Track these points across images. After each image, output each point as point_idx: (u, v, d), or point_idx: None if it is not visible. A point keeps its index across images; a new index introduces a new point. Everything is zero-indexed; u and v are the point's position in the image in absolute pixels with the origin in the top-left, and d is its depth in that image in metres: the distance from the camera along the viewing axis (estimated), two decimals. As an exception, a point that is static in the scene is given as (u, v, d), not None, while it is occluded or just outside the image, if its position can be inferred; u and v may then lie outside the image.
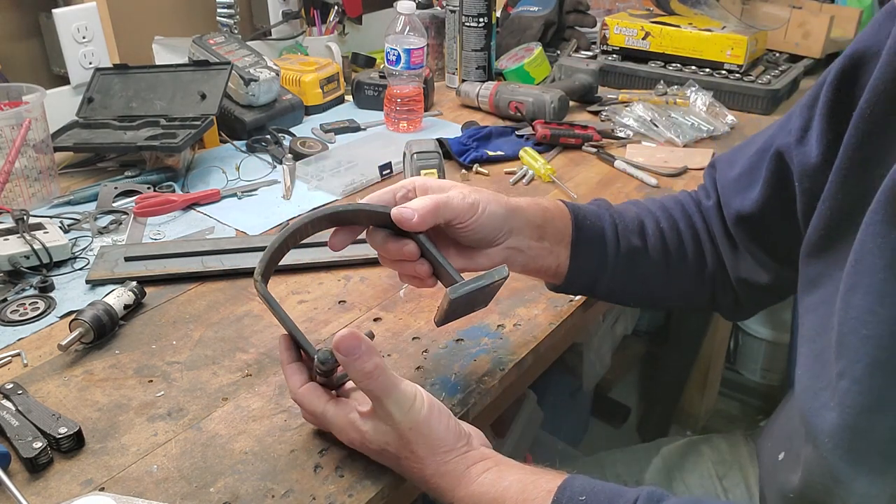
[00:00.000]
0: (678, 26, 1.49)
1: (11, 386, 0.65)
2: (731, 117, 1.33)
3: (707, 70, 1.47)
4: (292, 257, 0.84)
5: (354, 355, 0.54)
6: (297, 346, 0.61)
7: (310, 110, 1.37)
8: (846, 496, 0.52)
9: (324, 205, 1.03)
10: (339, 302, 0.81)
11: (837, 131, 0.57)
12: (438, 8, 1.57)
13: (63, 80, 1.24)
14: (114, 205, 1.01)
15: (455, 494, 0.56)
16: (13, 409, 0.63)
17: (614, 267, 0.72)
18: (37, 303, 0.80)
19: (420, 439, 0.55)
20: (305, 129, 1.30)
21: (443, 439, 0.56)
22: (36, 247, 0.84)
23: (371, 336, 0.58)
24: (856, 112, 0.54)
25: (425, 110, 1.37)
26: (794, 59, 1.59)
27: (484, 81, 1.42)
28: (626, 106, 1.35)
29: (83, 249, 0.90)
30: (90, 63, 1.23)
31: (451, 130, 1.30)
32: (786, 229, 0.65)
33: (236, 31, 1.38)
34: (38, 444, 0.58)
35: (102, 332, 0.73)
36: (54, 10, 1.18)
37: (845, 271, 0.52)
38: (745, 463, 0.89)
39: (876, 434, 0.49)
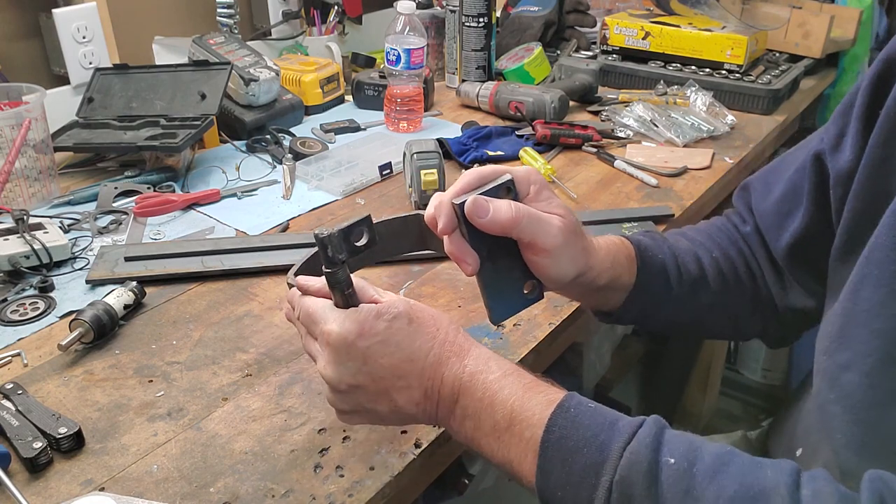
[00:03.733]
0: (678, 26, 1.49)
1: (11, 386, 0.65)
2: (731, 117, 1.33)
3: (707, 70, 1.47)
4: (292, 257, 0.84)
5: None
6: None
7: (310, 110, 1.37)
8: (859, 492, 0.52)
9: (325, 204, 1.03)
10: (339, 302, 0.81)
11: (868, 135, 0.56)
12: (438, 8, 1.57)
13: (63, 80, 1.24)
14: (114, 205, 1.01)
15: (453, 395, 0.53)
16: (13, 409, 0.63)
17: (676, 298, 0.71)
18: (37, 303, 0.80)
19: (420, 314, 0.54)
20: (305, 129, 1.30)
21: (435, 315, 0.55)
22: (36, 247, 0.84)
23: None
24: (881, 113, 0.54)
25: (425, 110, 1.37)
26: (794, 59, 1.59)
27: (484, 81, 1.42)
28: (626, 106, 1.35)
29: (83, 249, 0.90)
30: (90, 63, 1.23)
31: (451, 130, 1.30)
32: (831, 244, 0.63)
33: (236, 31, 1.38)
34: (38, 444, 0.58)
35: (102, 332, 0.73)
36: (54, 10, 1.18)
37: (857, 263, 0.51)
38: None
39: (888, 428, 0.49)
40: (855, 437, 0.51)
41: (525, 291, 0.62)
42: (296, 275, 0.60)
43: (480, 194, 0.56)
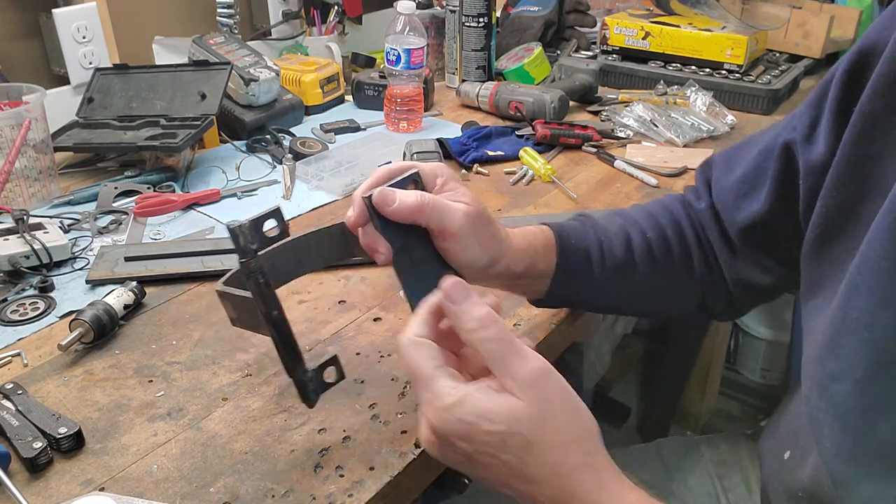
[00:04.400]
0: (678, 26, 1.49)
1: (11, 386, 0.65)
2: (731, 117, 1.33)
3: (707, 70, 1.47)
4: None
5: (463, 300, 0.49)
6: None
7: (310, 110, 1.37)
8: (850, 501, 0.52)
9: (323, 205, 1.03)
10: (339, 302, 0.81)
11: (843, 129, 0.56)
12: (438, 8, 1.57)
13: (63, 80, 1.24)
14: (114, 205, 1.01)
15: None
16: (13, 409, 0.63)
17: (601, 282, 0.72)
18: (37, 303, 0.80)
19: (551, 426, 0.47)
20: (305, 129, 1.30)
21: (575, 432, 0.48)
22: (36, 247, 0.84)
23: None
24: (856, 109, 0.54)
25: (425, 110, 1.37)
26: (794, 59, 1.59)
27: (484, 81, 1.42)
28: (626, 106, 1.35)
29: (83, 249, 0.90)
30: (90, 63, 1.23)
31: (451, 130, 1.30)
32: (792, 231, 0.64)
33: (236, 31, 1.38)
34: (38, 444, 0.58)
35: (102, 332, 0.73)
36: (54, 10, 1.18)
37: (848, 271, 0.51)
38: (745, 463, 0.88)
39: (879, 437, 0.49)
40: (845, 447, 0.51)
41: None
42: (225, 283, 0.61)
43: (388, 187, 0.58)
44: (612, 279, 0.72)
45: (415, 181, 0.60)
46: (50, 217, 0.95)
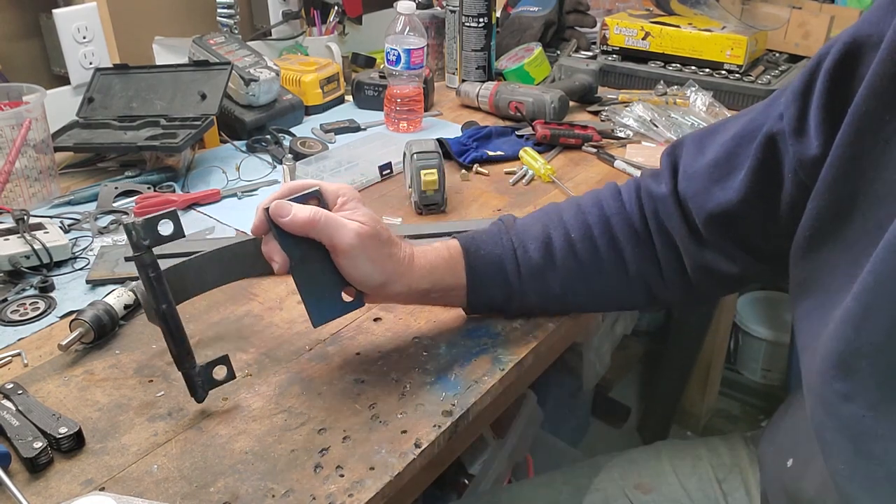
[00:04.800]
0: (678, 26, 1.49)
1: (12, 386, 0.65)
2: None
3: (707, 70, 1.47)
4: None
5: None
6: None
7: (310, 110, 1.37)
8: None
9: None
10: (339, 302, 0.81)
11: (835, 124, 0.54)
12: (438, 8, 1.57)
13: (63, 80, 1.24)
14: (114, 205, 1.01)
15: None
16: (13, 408, 0.63)
17: (519, 289, 0.73)
18: (37, 303, 0.80)
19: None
20: (305, 129, 1.30)
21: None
22: (36, 247, 0.84)
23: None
24: (850, 107, 0.52)
25: (425, 110, 1.37)
26: (794, 59, 1.59)
27: (484, 81, 1.42)
28: (626, 106, 1.35)
29: (83, 249, 0.90)
30: (90, 63, 1.24)
31: (451, 130, 1.30)
32: (765, 222, 0.62)
33: (236, 32, 1.38)
34: (39, 444, 0.58)
35: (103, 331, 0.73)
36: (54, 10, 1.18)
37: (859, 289, 0.49)
38: (744, 466, 0.88)
39: (892, 462, 0.47)
40: (859, 471, 0.49)
41: (345, 298, 0.68)
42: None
43: (288, 200, 0.63)
44: (531, 285, 0.72)
45: (316, 198, 0.66)
46: (50, 217, 0.95)
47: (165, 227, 0.62)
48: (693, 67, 1.49)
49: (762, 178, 0.62)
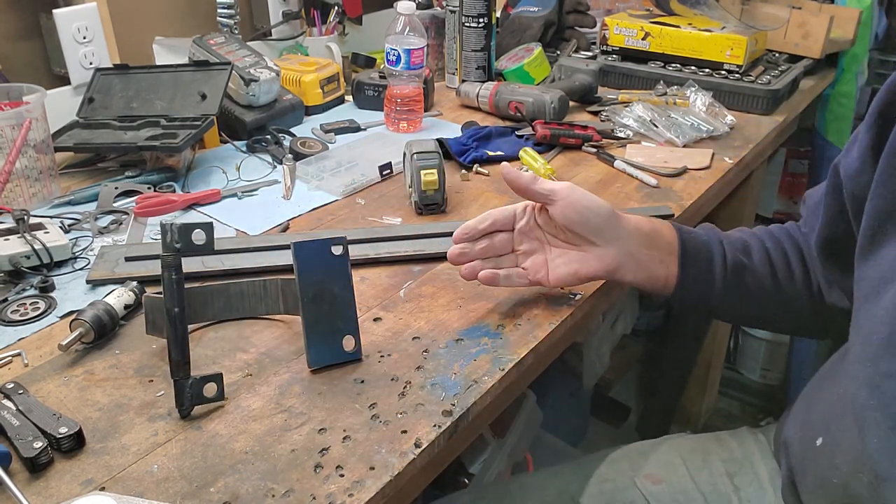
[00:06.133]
0: (678, 27, 1.49)
1: (12, 386, 0.65)
2: (730, 117, 1.33)
3: (707, 70, 1.47)
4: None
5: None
6: None
7: (310, 110, 1.37)
8: (890, 495, 0.53)
9: (323, 205, 1.04)
10: (340, 302, 0.81)
11: (883, 135, 0.59)
12: (438, 8, 1.57)
13: (63, 80, 1.24)
14: (114, 205, 1.01)
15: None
16: (14, 408, 0.63)
17: (723, 279, 0.75)
18: (37, 303, 0.80)
19: None
20: (305, 129, 1.30)
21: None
22: (36, 247, 0.85)
23: None
24: None
25: (425, 110, 1.37)
26: (794, 59, 1.59)
27: (484, 82, 1.42)
28: (626, 106, 1.35)
29: (84, 249, 0.90)
30: (91, 63, 1.24)
31: (451, 130, 1.30)
32: (851, 245, 0.67)
33: (236, 32, 1.38)
34: (39, 444, 0.58)
35: (103, 331, 0.73)
36: (55, 11, 1.18)
37: None
38: (756, 459, 0.88)
39: None
40: (893, 445, 0.52)
41: (344, 347, 0.70)
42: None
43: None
44: (734, 278, 0.76)
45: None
46: (50, 217, 0.95)
47: (198, 237, 0.63)
48: (693, 67, 1.49)
49: (836, 199, 0.69)
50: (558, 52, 1.61)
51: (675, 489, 0.86)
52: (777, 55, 1.60)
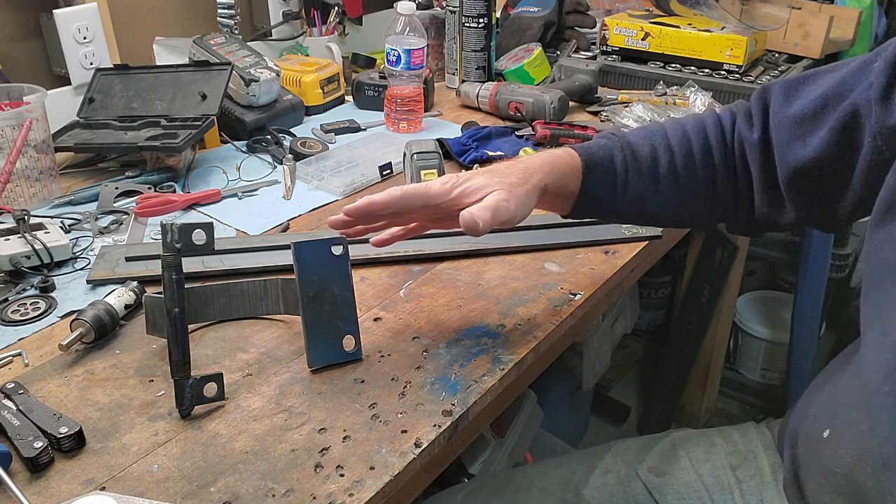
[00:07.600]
0: (677, 27, 1.49)
1: (12, 385, 0.66)
2: (730, 117, 1.33)
3: (706, 70, 1.47)
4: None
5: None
6: None
7: (310, 111, 1.37)
8: (893, 483, 0.53)
9: (324, 205, 1.04)
10: (340, 302, 0.81)
11: None
12: (438, 8, 1.57)
13: (64, 80, 1.24)
14: (115, 205, 1.01)
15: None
16: (14, 408, 0.63)
17: (625, 186, 0.75)
18: (38, 303, 0.80)
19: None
20: (306, 129, 1.30)
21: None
22: (37, 247, 0.85)
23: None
24: None
25: (425, 111, 1.37)
26: (794, 59, 1.59)
27: (484, 82, 1.42)
28: (626, 106, 1.35)
29: (84, 249, 0.91)
30: (91, 63, 1.24)
31: (451, 131, 1.30)
32: (837, 184, 0.64)
33: (237, 32, 1.38)
34: (39, 444, 0.58)
35: (103, 331, 0.73)
36: (55, 11, 1.18)
37: None
38: (759, 453, 0.88)
39: None
40: None
41: (345, 347, 0.70)
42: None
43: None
44: (635, 184, 0.75)
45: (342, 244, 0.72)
46: (51, 217, 0.95)
47: (198, 237, 0.63)
48: (692, 68, 1.49)
49: (842, 141, 0.64)
50: (558, 53, 1.62)
51: (679, 482, 0.86)
52: (777, 55, 1.60)
